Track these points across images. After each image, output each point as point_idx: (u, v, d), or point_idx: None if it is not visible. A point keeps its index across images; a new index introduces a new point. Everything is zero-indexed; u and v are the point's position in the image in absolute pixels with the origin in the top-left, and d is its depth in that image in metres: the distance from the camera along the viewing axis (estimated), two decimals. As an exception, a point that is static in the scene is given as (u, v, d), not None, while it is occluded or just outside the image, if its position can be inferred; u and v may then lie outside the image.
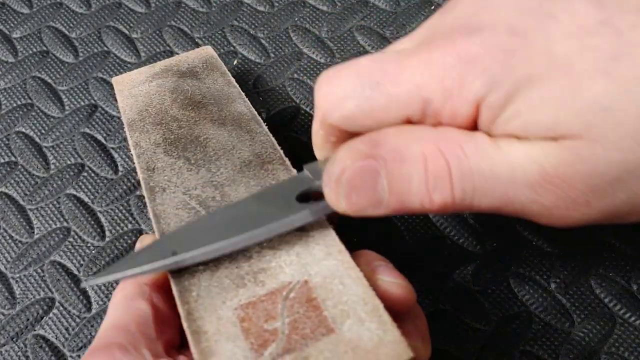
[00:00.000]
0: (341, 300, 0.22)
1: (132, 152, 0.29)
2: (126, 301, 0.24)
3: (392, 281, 0.23)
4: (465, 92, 0.19)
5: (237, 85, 0.33)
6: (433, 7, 0.41)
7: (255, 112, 0.31)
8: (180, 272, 0.23)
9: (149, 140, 0.30)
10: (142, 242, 0.27)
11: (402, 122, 0.21)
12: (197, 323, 0.22)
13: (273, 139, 0.29)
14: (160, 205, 0.26)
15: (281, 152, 0.28)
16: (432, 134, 0.21)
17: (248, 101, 0.32)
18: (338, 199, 0.22)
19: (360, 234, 0.33)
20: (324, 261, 0.23)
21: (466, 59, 0.19)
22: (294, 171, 0.27)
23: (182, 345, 0.25)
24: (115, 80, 0.34)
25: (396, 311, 0.23)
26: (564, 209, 0.19)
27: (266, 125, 0.30)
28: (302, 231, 0.24)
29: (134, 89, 0.33)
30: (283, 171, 0.27)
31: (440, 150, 0.20)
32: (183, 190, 0.27)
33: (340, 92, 0.22)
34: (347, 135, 0.23)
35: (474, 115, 0.20)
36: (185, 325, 0.22)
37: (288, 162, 0.27)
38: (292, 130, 0.37)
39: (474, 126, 0.20)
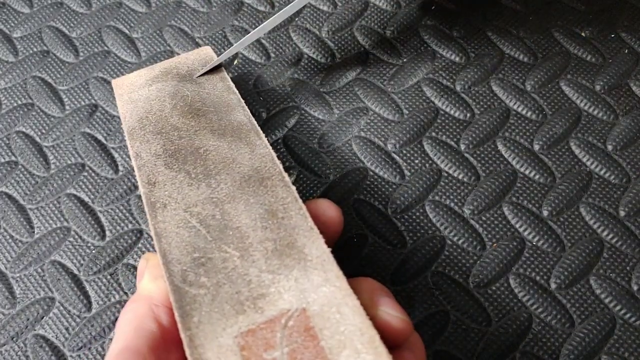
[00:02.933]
0: (338, 330, 0.22)
1: (133, 163, 0.29)
2: (136, 322, 0.24)
3: (393, 314, 0.24)
4: None
5: (237, 91, 0.32)
6: (433, 7, 0.41)
7: (255, 122, 0.30)
8: (182, 296, 0.23)
9: (149, 151, 0.29)
10: (148, 260, 0.27)
11: None
12: (198, 350, 0.22)
13: (272, 152, 0.29)
14: (162, 222, 0.26)
15: (280, 166, 0.28)
16: None
17: (247, 109, 0.31)
18: None
19: (360, 235, 0.33)
20: (322, 287, 0.23)
21: None
22: (293, 188, 0.27)
23: None
24: (115, 84, 0.34)
25: (394, 341, 0.23)
26: None
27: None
28: (301, 254, 0.24)
29: (134, 94, 0.33)
30: (282, 188, 0.27)
31: None
32: (184, 207, 0.27)
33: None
34: None
35: None
36: (187, 352, 0.22)
37: (287, 178, 0.27)
38: (292, 130, 0.37)
39: None
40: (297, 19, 0.41)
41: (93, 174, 0.36)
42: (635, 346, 0.30)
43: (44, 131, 0.38)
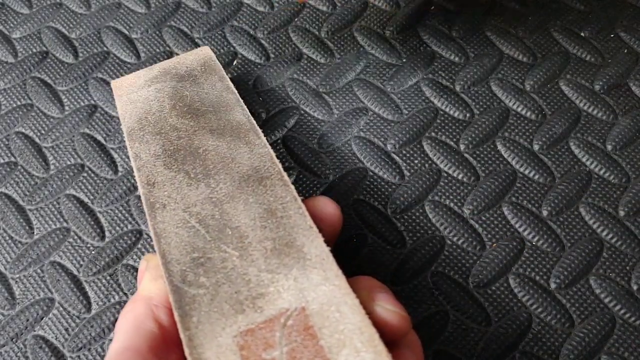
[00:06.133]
0: (338, 329, 0.22)
1: (132, 163, 0.29)
2: (136, 322, 0.24)
3: (391, 309, 0.23)
4: None
5: (236, 91, 0.32)
6: (432, 7, 0.41)
7: (254, 121, 0.30)
8: (181, 296, 0.23)
9: (148, 151, 0.29)
10: (148, 261, 0.27)
11: None
12: (197, 350, 0.22)
13: (271, 151, 0.29)
14: (161, 223, 0.26)
15: (279, 165, 0.28)
16: None
17: (246, 109, 0.31)
18: None
19: (359, 235, 0.33)
20: (321, 286, 0.23)
21: None
22: (292, 187, 0.27)
23: None
24: (114, 85, 0.34)
25: (392, 338, 0.23)
26: None
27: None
28: (300, 253, 0.24)
29: (133, 94, 0.33)
30: (281, 187, 0.27)
31: None
32: (183, 207, 0.26)
33: None
34: None
35: None
36: (187, 352, 0.22)
37: (286, 177, 0.27)
38: (292, 130, 0.37)
39: None
40: (296, 19, 0.41)
41: (92, 175, 0.36)
42: (635, 346, 0.30)
43: (43, 132, 0.38)
